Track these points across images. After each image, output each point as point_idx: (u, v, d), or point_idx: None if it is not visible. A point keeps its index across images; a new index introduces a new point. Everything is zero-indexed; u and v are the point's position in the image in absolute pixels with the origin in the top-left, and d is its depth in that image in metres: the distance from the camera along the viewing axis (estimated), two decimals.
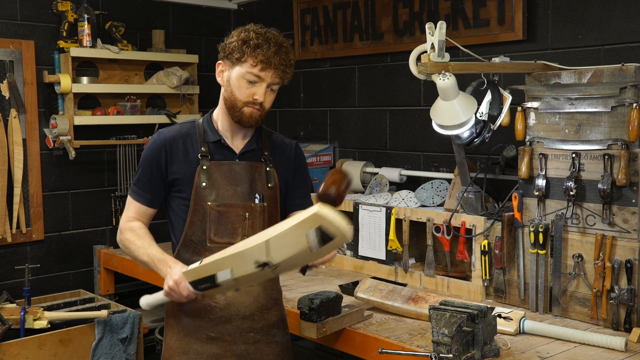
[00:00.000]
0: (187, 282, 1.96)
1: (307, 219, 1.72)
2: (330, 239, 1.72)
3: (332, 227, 1.70)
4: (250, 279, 1.92)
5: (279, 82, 2.12)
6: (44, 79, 3.93)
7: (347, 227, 1.71)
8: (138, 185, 2.20)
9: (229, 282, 1.91)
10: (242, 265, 1.86)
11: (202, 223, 2.14)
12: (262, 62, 2.06)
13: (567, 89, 2.55)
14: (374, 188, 3.58)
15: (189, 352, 2.18)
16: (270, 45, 2.06)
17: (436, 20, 2.37)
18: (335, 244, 1.74)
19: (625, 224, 2.41)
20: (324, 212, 1.70)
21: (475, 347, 2.11)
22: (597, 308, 2.46)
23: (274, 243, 1.79)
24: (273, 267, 1.83)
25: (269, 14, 4.57)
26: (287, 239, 1.77)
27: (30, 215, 3.99)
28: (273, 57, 2.06)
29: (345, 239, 1.74)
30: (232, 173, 2.16)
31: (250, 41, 2.07)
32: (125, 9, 4.33)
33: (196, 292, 1.97)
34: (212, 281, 1.93)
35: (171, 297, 2.01)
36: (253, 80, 2.08)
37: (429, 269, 3.01)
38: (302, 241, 1.74)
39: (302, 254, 1.78)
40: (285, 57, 2.09)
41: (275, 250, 1.79)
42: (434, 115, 2.49)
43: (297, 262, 1.86)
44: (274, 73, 2.08)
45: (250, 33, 2.09)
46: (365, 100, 3.94)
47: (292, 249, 1.78)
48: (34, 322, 3.38)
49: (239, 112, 2.11)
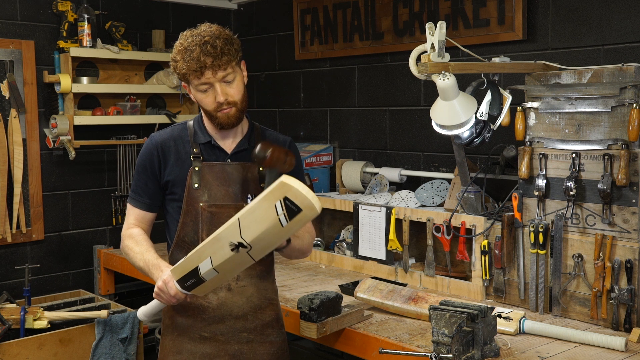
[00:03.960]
0: (175, 281, 1.97)
1: (272, 190, 1.75)
2: (299, 211, 1.74)
3: (299, 196, 1.72)
4: (230, 266, 1.92)
5: (227, 73, 2.05)
6: (44, 79, 3.93)
7: (314, 198, 1.72)
8: (135, 191, 2.22)
9: (211, 274, 1.91)
10: (219, 250, 1.87)
11: (194, 224, 2.14)
12: (195, 71, 2.03)
13: (567, 89, 2.55)
14: (374, 188, 3.58)
15: (182, 352, 2.18)
16: (192, 51, 2.02)
17: (436, 20, 2.37)
18: (304, 216, 1.75)
19: (625, 224, 2.41)
20: (288, 181, 1.73)
21: (475, 347, 2.11)
22: (597, 308, 2.46)
23: (244, 220, 1.81)
24: (247, 248, 1.83)
25: (269, 14, 4.57)
26: (257, 214, 1.79)
27: (30, 215, 3.99)
28: (200, 60, 2.01)
29: (313, 212, 1.74)
30: (224, 174, 2.16)
31: (177, 57, 2.06)
32: (125, 9, 4.33)
33: (183, 291, 1.98)
34: (196, 275, 1.93)
35: (161, 298, 2.02)
36: (204, 89, 2.07)
37: (429, 269, 3.01)
38: (271, 214, 1.76)
39: (273, 230, 1.79)
40: (213, 50, 2.01)
41: (247, 227, 1.81)
42: (434, 115, 2.49)
43: (270, 241, 1.85)
44: (212, 71, 2.03)
45: (174, 49, 2.08)
46: (365, 100, 3.94)
47: (262, 223, 1.79)
48: (34, 322, 3.38)
49: (216, 119, 2.11)
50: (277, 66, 4.54)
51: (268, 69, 4.58)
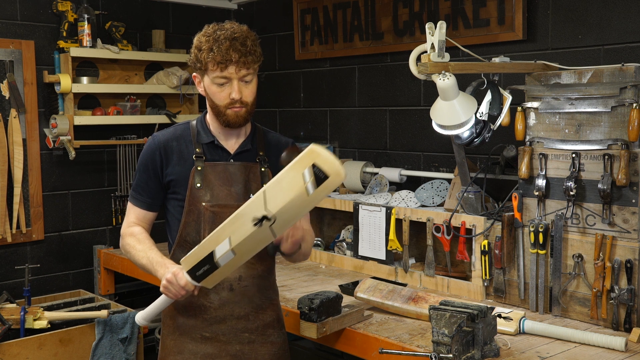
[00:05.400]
0: (185, 271, 1.96)
1: (302, 157, 1.77)
2: (325, 178, 1.75)
3: (327, 163, 1.74)
4: (249, 246, 1.90)
5: (248, 72, 2.08)
6: (44, 79, 3.93)
7: (340, 165, 1.75)
8: (136, 190, 2.21)
9: (227, 257, 1.90)
10: (240, 227, 1.86)
11: (196, 224, 2.14)
12: (220, 63, 2.04)
13: (567, 89, 2.55)
14: (374, 188, 3.58)
15: (183, 352, 2.18)
16: (221, 43, 2.03)
17: (436, 20, 2.38)
18: (330, 183, 1.76)
19: (625, 224, 2.41)
20: (317, 149, 1.76)
21: (475, 347, 2.11)
22: (597, 308, 2.46)
23: (271, 191, 1.82)
24: (271, 221, 1.83)
25: (269, 14, 4.57)
26: (283, 184, 1.80)
27: (30, 215, 3.99)
28: (228, 54, 2.03)
29: (339, 178, 1.75)
30: (226, 174, 2.16)
31: (202, 46, 2.06)
32: (125, 9, 4.33)
33: (193, 282, 1.96)
34: (210, 261, 1.92)
35: (169, 292, 2.00)
36: (222, 83, 2.08)
37: (429, 269, 3.01)
38: (298, 182, 1.77)
39: (299, 199, 1.79)
40: (242, 47, 2.04)
41: (272, 198, 1.81)
42: (434, 115, 2.49)
43: (294, 212, 1.84)
44: (236, 67, 2.05)
45: (201, 38, 2.08)
46: (365, 100, 3.94)
47: (288, 193, 1.79)
48: (34, 322, 3.38)
49: (225, 116, 2.11)
50: (277, 66, 4.54)
51: (268, 69, 4.58)
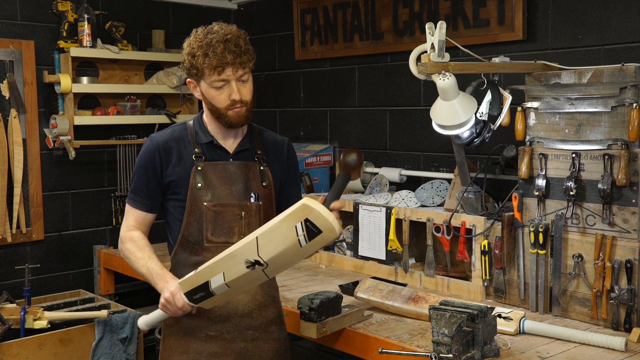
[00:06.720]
0: (183, 293, 1.99)
1: (295, 211, 1.77)
2: (319, 232, 1.75)
3: (320, 219, 1.73)
4: (242, 283, 1.94)
5: (245, 72, 2.09)
6: (44, 79, 3.93)
7: (334, 221, 1.74)
8: (135, 192, 2.21)
9: (222, 288, 1.93)
10: (234, 266, 1.88)
11: (198, 223, 2.15)
12: (217, 67, 2.04)
13: (567, 89, 2.55)
14: (374, 188, 3.58)
15: (188, 351, 2.19)
16: (215, 47, 2.03)
17: (436, 20, 2.37)
18: (323, 238, 1.76)
19: (625, 224, 2.41)
20: (311, 203, 1.75)
21: (475, 347, 2.11)
22: (597, 308, 2.46)
23: (263, 239, 1.82)
24: (263, 266, 1.84)
25: (269, 14, 4.57)
26: (276, 233, 1.80)
27: (30, 215, 3.98)
28: (224, 56, 2.03)
29: (333, 234, 1.76)
30: (226, 173, 2.17)
31: (196, 52, 2.06)
32: (125, 9, 4.33)
33: (191, 304, 2.00)
34: (206, 289, 1.95)
35: (167, 310, 2.05)
36: (220, 86, 2.08)
37: (429, 269, 3.01)
38: (290, 235, 1.77)
39: (291, 250, 1.80)
40: (236, 48, 2.05)
41: (265, 246, 1.82)
42: (434, 115, 2.49)
43: (286, 260, 1.87)
44: (233, 69, 2.06)
45: (192, 44, 2.08)
46: (365, 100, 3.94)
47: (281, 243, 1.80)
48: (34, 322, 3.38)
49: (226, 117, 2.12)
50: (277, 66, 4.54)
51: (268, 69, 4.58)
